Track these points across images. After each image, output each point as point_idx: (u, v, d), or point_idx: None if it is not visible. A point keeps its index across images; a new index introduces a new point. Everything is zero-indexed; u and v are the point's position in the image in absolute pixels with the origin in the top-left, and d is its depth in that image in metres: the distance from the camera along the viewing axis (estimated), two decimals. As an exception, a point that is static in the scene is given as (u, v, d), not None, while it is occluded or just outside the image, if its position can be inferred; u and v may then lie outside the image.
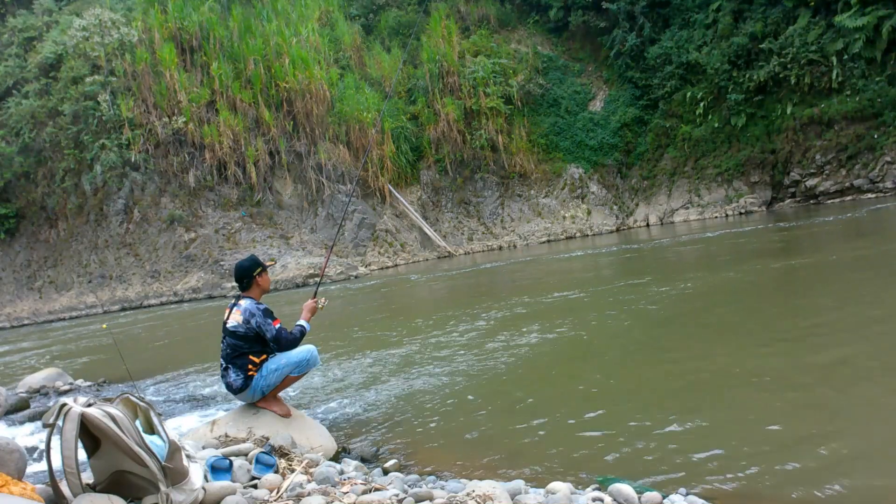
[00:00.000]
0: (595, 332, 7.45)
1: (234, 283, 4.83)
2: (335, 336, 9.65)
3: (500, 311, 9.78)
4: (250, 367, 4.50)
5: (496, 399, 5.28)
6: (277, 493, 3.17)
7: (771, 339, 5.94)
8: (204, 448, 3.93)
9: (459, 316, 9.85)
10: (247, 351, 4.50)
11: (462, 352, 7.09)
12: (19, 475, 2.61)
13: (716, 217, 25.37)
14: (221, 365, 4.60)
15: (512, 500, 3.07)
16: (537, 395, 5.29)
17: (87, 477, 2.77)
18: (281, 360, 4.54)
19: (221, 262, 25.21)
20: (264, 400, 4.58)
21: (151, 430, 2.88)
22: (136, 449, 2.62)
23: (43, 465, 3.00)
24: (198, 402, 6.55)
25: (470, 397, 5.41)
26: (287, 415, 4.55)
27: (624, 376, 5.56)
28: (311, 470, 3.61)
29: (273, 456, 3.68)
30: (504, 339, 7.45)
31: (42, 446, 5.07)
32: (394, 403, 5.49)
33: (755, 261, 11.54)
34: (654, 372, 5.51)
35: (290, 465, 3.66)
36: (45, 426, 2.55)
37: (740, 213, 25.04)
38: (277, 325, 4.50)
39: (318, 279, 5.91)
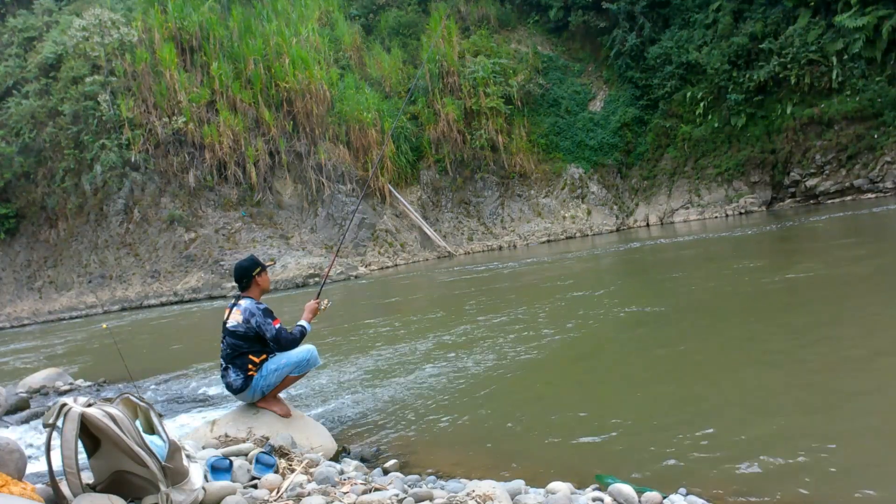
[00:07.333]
0: (595, 332, 7.45)
1: (234, 283, 4.83)
2: (335, 336, 9.65)
3: (499, 311, 9.77)
4: (250, 366, 4.50)
5: (496, 399, 5.28)
6: (277, 493, 3.17)
7: (773, 339, 5.93)
8: (204, 448, 3.93)
9: (459, 316, 9.85)
10: (247, 351, 4.50)
11: (462, 352, 7.09)
12: (19, 475, 2.61)
13: (716, 217, 25.37)
14: (221, 365, 4.60)
15: (512, 500, 3.07)
16: (537, 395, 5.29)
17: (87, 477, 2.76)
18: (281, 360, 4.53)
19: (221, 262, 25.20)
20: (264, 400, 4.58)
21: (151, 430, 2.88)
22: (136, 449, 2.62)
23: (43, 465, 3.00)
24: (198, 402, 6.55)
25: (470, 397, 5.40)
26: (287, 415, 4.55)
27: (624, 377, 5.56)
28: (311, 470, 3.60)
29: (273, 456, 3.68)
30: (504, 340, 7.45)
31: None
32: (394, 403, 5.49)
33: (755, 261, 11.53)
34: (653, 372, 5.51)
35: (290, 465, 3.66)
36: (45, 426, 2.55)
37: (740, 213, 25.04)
38: (277, 325, 4.50)
39: (318, 279, 5.91)
